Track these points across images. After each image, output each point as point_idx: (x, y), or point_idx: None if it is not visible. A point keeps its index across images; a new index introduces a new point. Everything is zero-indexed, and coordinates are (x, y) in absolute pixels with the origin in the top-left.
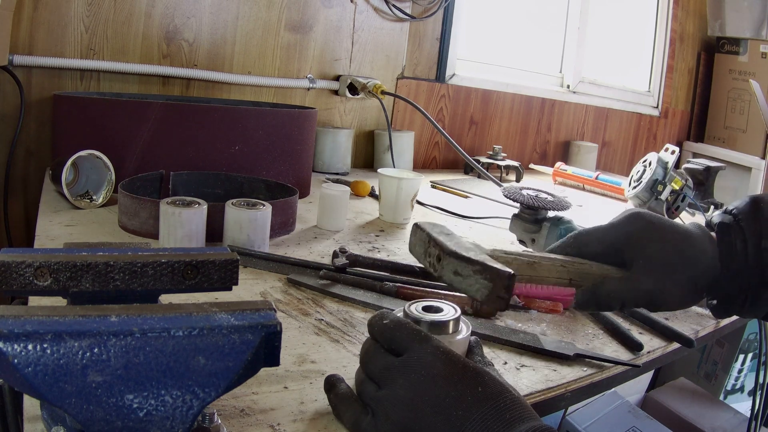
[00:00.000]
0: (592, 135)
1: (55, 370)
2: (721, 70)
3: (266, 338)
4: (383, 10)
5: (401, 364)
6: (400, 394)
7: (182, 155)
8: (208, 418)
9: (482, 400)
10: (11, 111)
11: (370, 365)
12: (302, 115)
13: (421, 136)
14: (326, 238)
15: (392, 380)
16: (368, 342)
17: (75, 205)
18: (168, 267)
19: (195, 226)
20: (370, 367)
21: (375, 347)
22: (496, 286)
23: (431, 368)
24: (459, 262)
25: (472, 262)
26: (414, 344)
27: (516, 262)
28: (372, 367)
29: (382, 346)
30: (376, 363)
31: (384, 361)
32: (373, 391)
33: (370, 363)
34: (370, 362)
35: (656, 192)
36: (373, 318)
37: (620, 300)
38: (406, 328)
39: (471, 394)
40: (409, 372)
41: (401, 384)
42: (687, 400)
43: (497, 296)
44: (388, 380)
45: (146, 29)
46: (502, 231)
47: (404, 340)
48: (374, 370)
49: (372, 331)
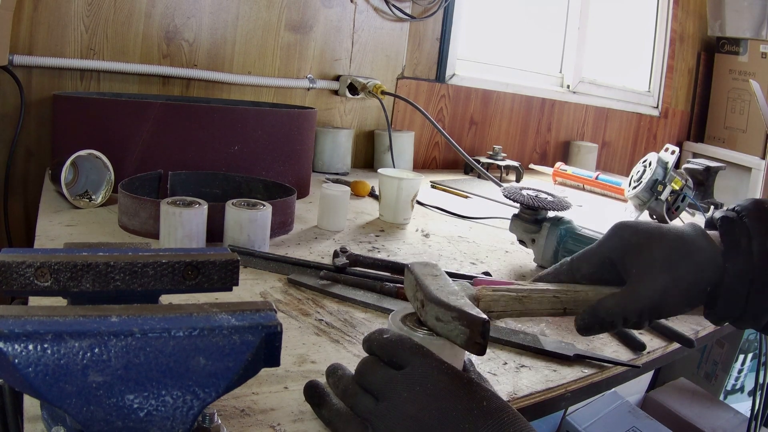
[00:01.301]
0: (592, 135)
1: (56, 370)
2: (721, 70)
3: (266, 339)
4: (383, 10)
5: (404, 377)
6: (405, 407)
7: (182, 155)
8: (208, 419)
9: (487, 414)
10: (11, 111)
11: (370, 377)
12: (302, 115)
13: (421, 136)
14: (326, 238)
15: (395, 393)
16: (366, 357)
17: (74, 205)
18: (168, 267)
19: (195, 226)
20: (369, 379)
21: (374, 360)
22: (472, 332)
23: (436, 382)
24: (439, 308)
25: (450, 309)
26: (416, 358)
27: (504, 299)
28: (371, 379)
29: (382, 360)
30: (376, 375)
31: (385, 374)
32: (372, 405)
33: (370, 375)
34: (370, 374)
35: (656, 192)
36: (372, 333)
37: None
38: (408, 342)
39: (477, 408)
40: (414, 385)
41: (405, 398)
42: (687, 400)
43: (474, 342)
44: (390, 393)
45: (146, 29)
46: (502, 231)
47: (406, 354)
48: (374, 383)
49: (371, 345)
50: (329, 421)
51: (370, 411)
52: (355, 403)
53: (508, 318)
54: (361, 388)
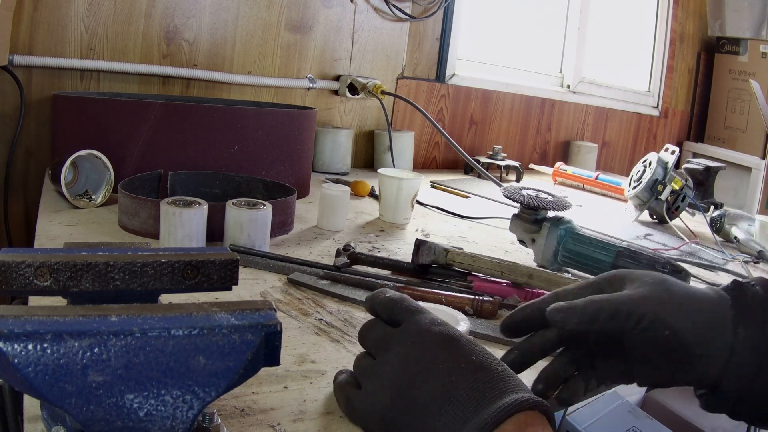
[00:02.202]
0: (592, 135)
1: (55, 369)
2: (721, 70)
3: (266, 338)
4: (383, 10)
5: (398, 333)
6: (394, 361)
7: (182, 155)
8: (208, 418)
9: (476, 369)
10: (11, 111)
11: (369, 335)
12: (302, 115)
13: (421, 136)
14: (326, 238)
15: (388, 350)
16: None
17: (74, 205)
18: (168, 267)
19: (195, 225)
20: (368, 337)
21: (373, 320)
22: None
23: (427, 335)
24: None
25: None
26: (412, 315)
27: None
28: (370, 336)
29: (382, 319)
30: (374, 333)
31: (382, 331)
32: (368, 364)
33: (369, 333)
34: (369, 333)
35: (656, 192)
36: (374, 293)
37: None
38: (406, 301)
39: (465, 361)
40: (405, 339)
41: (397, 352)
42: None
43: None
44: (384, 349)
45: (146, 29)
46: (502, 231)
47: (403, 312)
48: (371, 339)
49: (373, 305)
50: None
51: (366, 369)
52: (357, 366)
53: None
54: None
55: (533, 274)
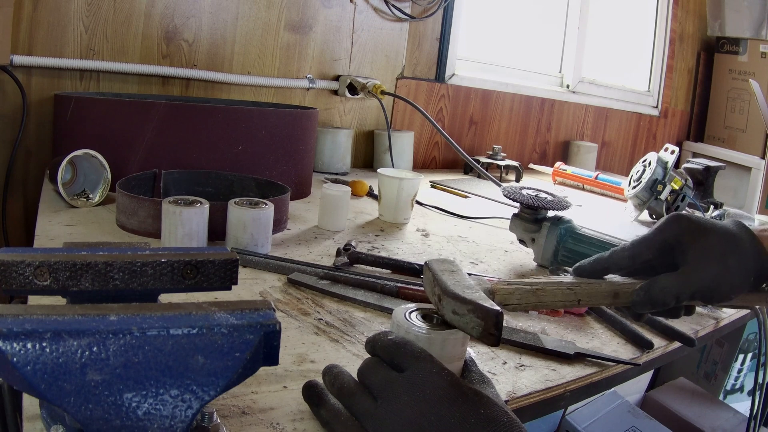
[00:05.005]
0: (592, 135)
1: (54, 368)
2: (721, 70)
3: (265, 337)
4: (383, 10)
5: (404, 380)
6: (403, 411)
7: (185, 155)
8: (207, 417)
9: (485, 422)
10: (11, 111)
11: (372, 377)
12: (304, 116)
13: (420, 136)
14: (326, 238)
15: (394, 396)
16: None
17: (72, 204)
18: (167, 266)
19: (196, 224)
20: (371, 379)
21: (376, 360)
22: (486, 324)
23: (436, 388)
24: (455, 301)
25: (465, 302)
26: (418, 362)
27: (518, 292)
28: (372, 378)
29: (383, 360)
30: (377, 376)
31: (386, 375)
32: (371, 406)
33: (372, 375)
34: (372, 374)
35: (656, 192)
36: (376, 335)
37: (675, 294)
38: (412, 346)
39: (474, 416)
40: (413, 389)
41: (404, 401)
42: (686, 400)
43: (488, 333)
44: (389, 395)
45: (146, 29)
46: (501, 231)
47: (407, 357)
48: (374, 382)
49: (374, 346)
50: (326, 421)
51: (368, 411)
52: (353, 403)
53: (522, 310)
54: (361, 387)
55: (619, 291)
